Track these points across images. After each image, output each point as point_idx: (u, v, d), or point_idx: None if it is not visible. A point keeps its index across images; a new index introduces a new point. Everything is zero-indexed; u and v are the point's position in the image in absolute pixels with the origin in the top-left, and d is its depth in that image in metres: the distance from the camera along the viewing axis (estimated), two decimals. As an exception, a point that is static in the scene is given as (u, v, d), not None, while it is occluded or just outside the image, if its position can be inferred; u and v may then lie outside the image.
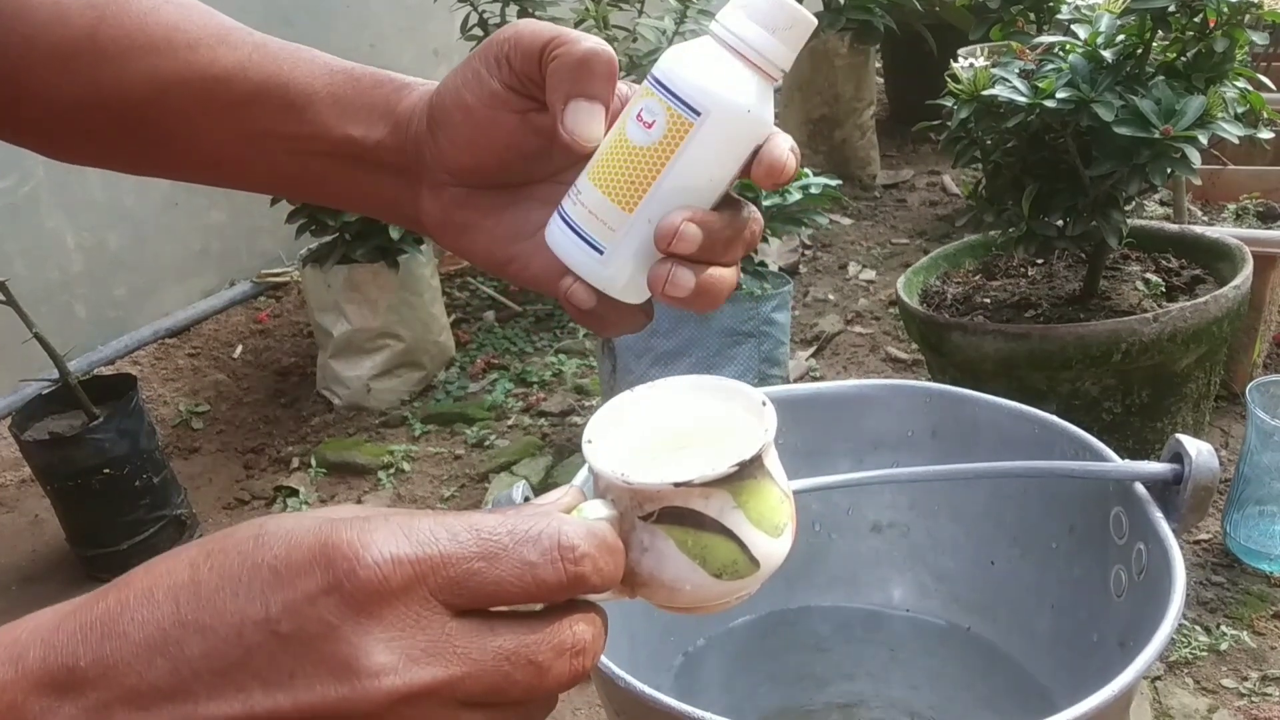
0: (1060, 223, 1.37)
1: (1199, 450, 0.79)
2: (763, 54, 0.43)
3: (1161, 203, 1.94)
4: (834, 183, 1.68)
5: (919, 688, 1.13)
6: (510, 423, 2.08)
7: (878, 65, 3.29)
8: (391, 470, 1.97)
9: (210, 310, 2.62)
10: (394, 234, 2.03)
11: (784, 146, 0.44)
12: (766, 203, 1.62)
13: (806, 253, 2.68)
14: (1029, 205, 1.37)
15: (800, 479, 0.86)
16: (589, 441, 0.43)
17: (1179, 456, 0.80)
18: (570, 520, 0.36)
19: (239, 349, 2.47)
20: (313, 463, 1.99)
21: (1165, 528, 0.79)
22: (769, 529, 0.41)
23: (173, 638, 0.32)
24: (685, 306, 0.45)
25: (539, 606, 0.36)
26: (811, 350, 2.21)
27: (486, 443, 2.01)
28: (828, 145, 2.99)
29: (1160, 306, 1.44)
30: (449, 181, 0.49)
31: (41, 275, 2.29)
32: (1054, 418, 0.98)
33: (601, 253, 0.45)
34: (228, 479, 2.02)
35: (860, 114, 3.01)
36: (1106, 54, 1.29)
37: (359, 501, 1.89)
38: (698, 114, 0.43)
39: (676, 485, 0.38)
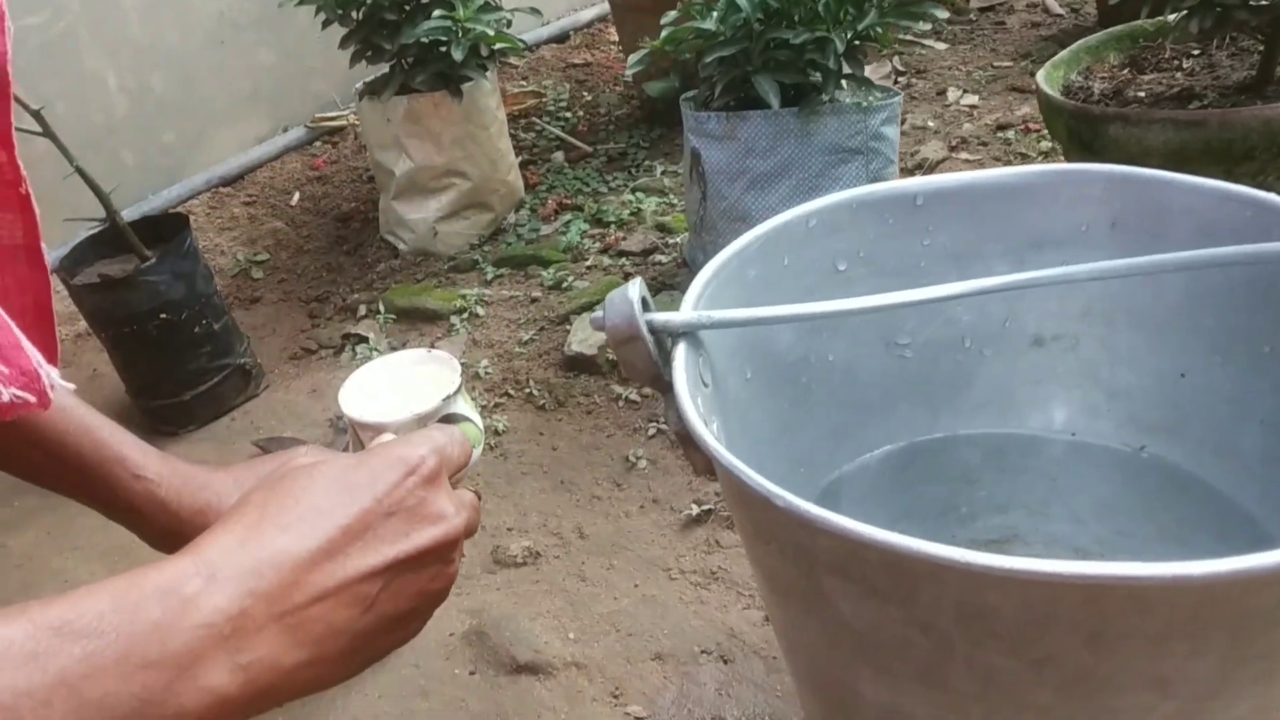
0: (1243, -11, 1.17)
1: None
2: None
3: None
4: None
5: (1085, 521, 0.98)
6: (589, 264, 1.93)
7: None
8: (465, 314, 1.83)
9: (264, 157, 2.48)
10: (457, 55, 1.85)
11: None
12: (882, -9, 1.41)
13: (900, 79, 2.45)
14: (1205, -31, 1.16)
15: (948, 283, 0.72)
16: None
17: None
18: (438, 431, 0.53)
19: (296, 196, 2.32)
20: (381, 309, 1.86)
21: None
22: None
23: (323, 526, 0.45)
24: None
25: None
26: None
27: (565, 284, 1.86)
28: (919, -37, 2.72)
29: (1356, 89, 1.23)
30: None
31: (85, 119, 2.15)
32: (1274, 197, 0.80)
33: None
34: (292, 328, 1.91)
35: (955, -73, 2.74)
36: None
37: (433, 346, 1.76)
38: None
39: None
